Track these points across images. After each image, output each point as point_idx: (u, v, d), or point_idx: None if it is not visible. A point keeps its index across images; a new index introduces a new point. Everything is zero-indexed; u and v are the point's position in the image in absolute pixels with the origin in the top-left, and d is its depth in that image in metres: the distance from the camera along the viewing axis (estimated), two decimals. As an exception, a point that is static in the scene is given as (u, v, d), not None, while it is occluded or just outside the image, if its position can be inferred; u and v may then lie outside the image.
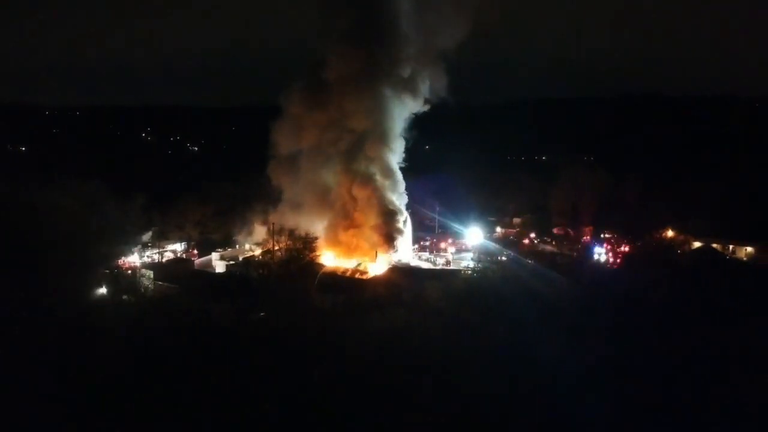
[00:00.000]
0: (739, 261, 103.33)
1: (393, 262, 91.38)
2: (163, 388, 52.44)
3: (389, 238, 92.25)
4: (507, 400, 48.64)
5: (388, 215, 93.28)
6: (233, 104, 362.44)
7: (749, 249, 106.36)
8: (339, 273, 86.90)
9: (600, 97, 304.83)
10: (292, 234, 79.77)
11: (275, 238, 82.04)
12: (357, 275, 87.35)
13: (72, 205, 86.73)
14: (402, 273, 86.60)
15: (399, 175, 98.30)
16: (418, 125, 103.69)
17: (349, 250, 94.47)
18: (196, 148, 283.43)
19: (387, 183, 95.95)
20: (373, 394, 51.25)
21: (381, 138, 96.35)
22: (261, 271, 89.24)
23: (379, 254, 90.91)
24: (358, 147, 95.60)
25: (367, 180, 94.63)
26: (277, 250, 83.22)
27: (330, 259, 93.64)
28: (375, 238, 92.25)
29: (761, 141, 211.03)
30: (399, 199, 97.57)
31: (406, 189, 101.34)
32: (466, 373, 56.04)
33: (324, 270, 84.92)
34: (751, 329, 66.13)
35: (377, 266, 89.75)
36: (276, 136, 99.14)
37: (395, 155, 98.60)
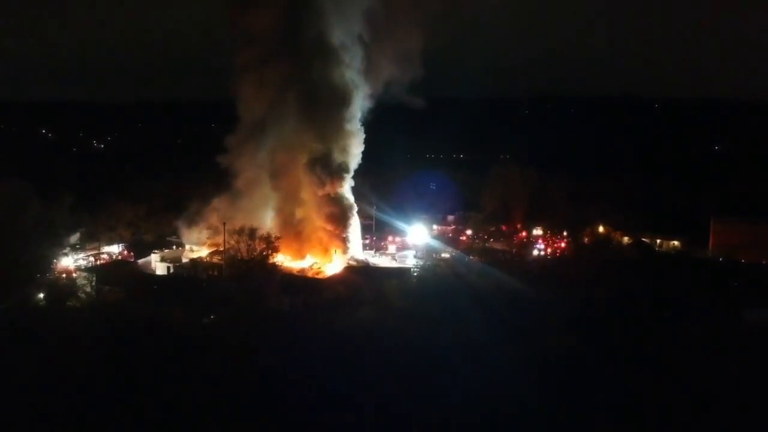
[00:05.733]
0: (669, 254, 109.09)
1: (348, 261, 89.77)
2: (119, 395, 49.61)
3: (345, 236, 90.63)
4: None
5: (344, 212, 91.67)
6: (134, 101, 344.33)
7: (675, 243, 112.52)
8: (295, 273, 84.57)
9: (513, 97, 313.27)
10: (253, 234, 76.41)
11: (232, 237, 78.32)
12: (313, 275, 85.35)
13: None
14: (358, 272, 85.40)
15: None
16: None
17: (303, 250, 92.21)
18: (102, 146, 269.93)
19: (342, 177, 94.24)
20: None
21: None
22: (211, 272, 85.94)
23: (336, 253, 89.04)
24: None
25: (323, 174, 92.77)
26: (231, 249, 79.94)
27: (283, 260, 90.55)
28: (330, 236, 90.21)
29: (669, 142, 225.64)
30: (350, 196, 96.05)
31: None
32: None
33: (281, 271, 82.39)
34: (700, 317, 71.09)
35: (334, 265, 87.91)
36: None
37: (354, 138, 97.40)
